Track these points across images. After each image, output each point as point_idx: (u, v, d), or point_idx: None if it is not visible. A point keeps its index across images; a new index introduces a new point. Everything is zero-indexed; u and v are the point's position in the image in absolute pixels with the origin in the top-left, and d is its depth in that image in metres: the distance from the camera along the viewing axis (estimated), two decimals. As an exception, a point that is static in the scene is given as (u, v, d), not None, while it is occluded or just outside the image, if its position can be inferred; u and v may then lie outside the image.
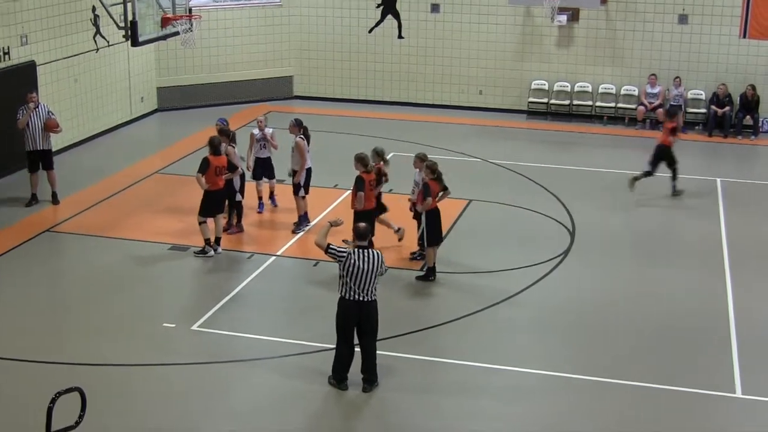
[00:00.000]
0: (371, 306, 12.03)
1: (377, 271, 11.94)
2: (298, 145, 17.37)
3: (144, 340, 13.61)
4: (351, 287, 11.86)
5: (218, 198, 16.55)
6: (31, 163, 19.05)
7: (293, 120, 17.80)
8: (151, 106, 26.62)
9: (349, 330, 12.08)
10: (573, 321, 14.42)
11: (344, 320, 12.04)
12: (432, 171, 15.48)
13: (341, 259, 11.86)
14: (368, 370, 12.21)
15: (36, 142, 18.84)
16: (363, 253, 11.89)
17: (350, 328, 12.07)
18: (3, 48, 20.45)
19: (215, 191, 16.38)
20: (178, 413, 11.65)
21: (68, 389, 8.71)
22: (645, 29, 25.98)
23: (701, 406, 12.15)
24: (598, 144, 24.61)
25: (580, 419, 11.76)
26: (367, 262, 11.82)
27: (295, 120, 17.79)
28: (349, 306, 11.95)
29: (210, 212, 16.45)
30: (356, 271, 11.79)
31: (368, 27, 27.84)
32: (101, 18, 23.64)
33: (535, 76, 26.90)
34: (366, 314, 12.00)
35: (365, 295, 11.91)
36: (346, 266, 11.82)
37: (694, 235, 18.04)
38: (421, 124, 25.89)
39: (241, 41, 27.58)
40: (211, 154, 16.32)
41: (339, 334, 12.16)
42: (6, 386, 12.10)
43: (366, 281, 11.85)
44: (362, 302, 11.92)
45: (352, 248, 11.99)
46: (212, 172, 16.25)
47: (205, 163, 16.23)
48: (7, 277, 15.75)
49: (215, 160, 16.31)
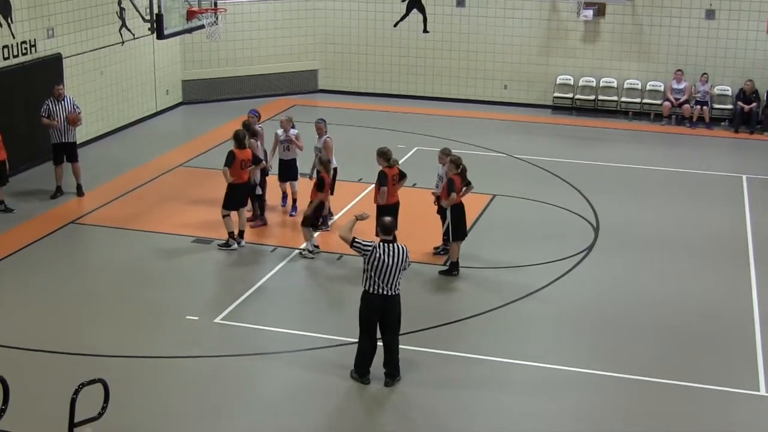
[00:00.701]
0: (395, 300, 12.00)
1: (402, 266, 11.90)
2: (326, 145, 17.33)
3: (167, 333, 13.65)
4: (375, 281, 11.82)
5: (242, 191, 16.58)
6: (56, 156, 19.14)
7: (319, 120, 17.78)
8: (175, 99, 26.69)
9: (372, 324, 12.05)
10: (596, 317, 14.36)
11: (368, 314, 12.00)
12: (456, 166, 15.46)
13: (366, 252, 11.83)
14: (390, 365, 12.19)
15: (61, 134, 18.93)
16: (388, 247, 11.84)
17: (373, 323, 12.04)
18: (30, 40, 20.55)
19: (239, 184, 16.40)
20: (200, 406, 11.68)
21: (92, 381, 8.75)
22: (671, 24, 25.82)
23: (724, 404, 12.07)
24: (623, 139, 24.50)
25: (604, 416, 11.71)
26: (392, 257, 11.78)
27: (321, 119, 17.80)
28: (373, 300, 11.90)
29: (234, 205, 16.48)
30: (381, 266, 11.75)
31: (393, 21, 27.81)
32: (127, 11, 23.77)
33: (560, 71, 26.80)
34: (390, 308, 11.97)
35: (389, 290, 11.87)
36: (371, 260, 11.78)
37: (719, 232, 17.92)
38: (445, 118, 25.86)
39: (266, 35, 27.61)
40: (236, 147, 16.36)
41: (362, 329, 12.13)
42: (30, 377, 12.15)
43: (390, 275, 11.80)
44: (386, 296, 11.88)
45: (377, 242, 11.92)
46: (237, 165, 16.28)
47: (231, 157, 16.27)
48: (32, 268, 15.84)
49: (240, 153, 16.34)
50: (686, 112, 25.42)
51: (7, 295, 14.80)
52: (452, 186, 15.32)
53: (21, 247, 16.57)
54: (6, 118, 19.20)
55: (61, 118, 18.81)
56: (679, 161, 22.37)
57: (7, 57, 19.91)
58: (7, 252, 16.34)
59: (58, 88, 19.07)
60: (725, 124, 25.60)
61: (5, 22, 19.80)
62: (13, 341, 13.15)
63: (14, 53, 20.10)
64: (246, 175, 16.49)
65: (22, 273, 15.63)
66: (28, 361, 12.74)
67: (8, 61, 19.97)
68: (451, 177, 15.40)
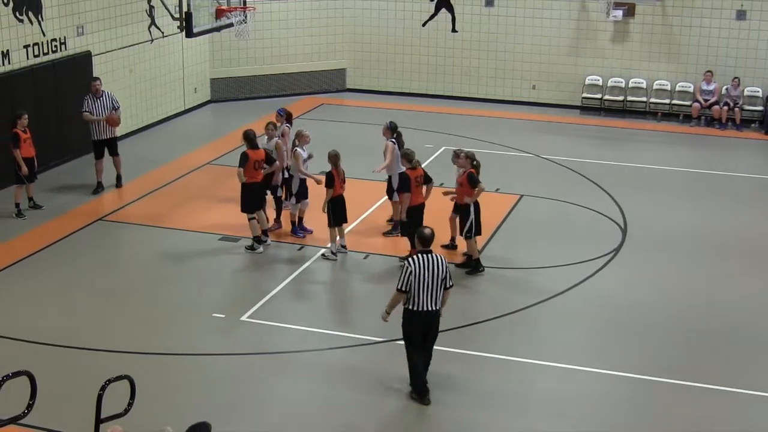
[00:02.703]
0: (438, 316, 11.57)
1: (442, 276, 11.36)
2: (387, 147, 16.95)
3: (193, 330, 13.69)
4: (417, 297, 11.30)
5: (257, 190, 16.53)
6: (97, 151, 19.43)
7: (387, 123, 17.45)
8: (204, 97, 26.78)
9: (419, 339, 11.55)
10: (624, 319, 14.27)
11: (412, 331, 11.52)
12: (471, 161, 15.42)
13: (408, 274, 11.24)
14: None
15: (100, 131, 19.17)
16: (425, 259, 11.32)
17: (419, 338, 11.55)
18: (60, 38, 20.68)
19: (253, 184, 16.36)
20: (226, 403, 11.70)
21: (118, 377, 8.77)
22: (702, 25, 25.66)
23: (755, 408, 11.96)
24: (652, 141, 24.37)
25: (629, 418, 11.65)
26: (429, 269, 11.27)
27: (390, 123, 17.39)
28: (417, 317, 11.40)
29: (254, 206, 16.44)
30: (420, 281, 11.23)
31: (422, 20, 27.79)
32: (156, 9, 23.86)
33: (589, 71, 26.69)
34: (434, 325, 11.56)
35: (433, 304, 11.38)
36: (410, 278, 11.24)
37: (750, 234, 17.78)
38: (473, 118, 25.81)
39: (294, 33, 27.66)
40: (249, 148, 16.28)
41: (409, 345, 11.67)
42: (57, 373, 12.22)
43: (432, 289, 11.29)
44: (431, 312, 11.40)
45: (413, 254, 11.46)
46: (251, 165, 16.21)
47: (245, 158, 16.23)
48: (59, 265, 15.93)
49: (253, 154, 16.26)
50: (716, 114, 25.26)
51: (35, 292, 14.88)
52: (474, 179, 15.25)
53: (49, 244, 16.67)
54: (36, 116, 19.31)
55: (100, 115, 18.99)
56: (709, 163, 22.23)
57: (37, 55, 20.04)
58: (35, 249, 16.45)
59: (94, 84, 19.34)
60: (755, 125, 25.42)
61: (35, 20, 19.93)
62: (41, 337, 13.23)
63: (44, 51, 20.23)
64: (260, 175, 16.46)
65: (50, 269, 15.73)
66: (54, 357, 12.81)
67: (38, 58, 20.10)
68: (469, 171, 15.33)
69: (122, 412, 8.67)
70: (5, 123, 17.97)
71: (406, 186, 15.60)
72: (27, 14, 19.69)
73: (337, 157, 16.12)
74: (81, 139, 21.35)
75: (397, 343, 13.24)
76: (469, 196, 15.41)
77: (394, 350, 13.06)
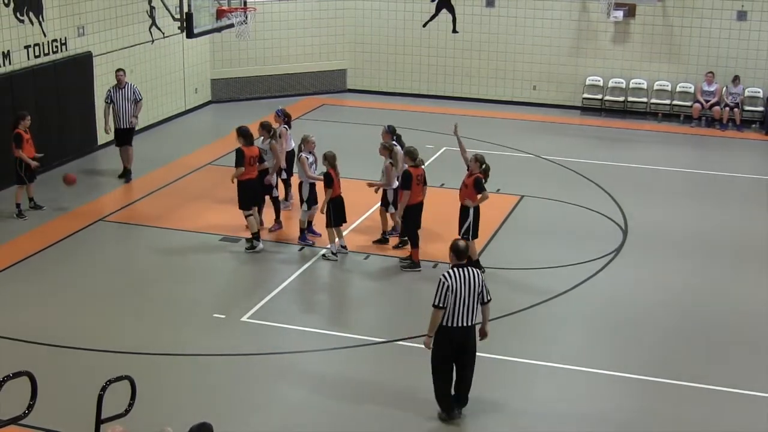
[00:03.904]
0: (474, 332, 11.16)
1: (479, 290, 10.99)
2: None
3: (194, 331, 13.69)
4: (453, 312, 10.89)
5: (253, 187, 16.56)
6: (118, 139, 20.34)
7: (386, 127, 17.41)
8: (204, 98, 26.78)
9: (450, 364, 11.19)
10: (624, 319, 14.27)
11: (446, 351, 11.07)
12: (481, 163, 15.33)
13: (445, 289, 10.83)
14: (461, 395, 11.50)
15: (121, 120, 20.02)
16: (460, 273, 10.93)
17: (451, 362, 11.18)
18: (60, 39, 20.69)
19: (248, 180, 16.40)
20: (227, 404, 11.70)
21: (119, 377, 8.78)
22: (702, 26, 25.65)
23: (759, 409, 11.97)
24: (653, 141, 24.37)
25: (631, 418, 11.64)
26: (465, 282, 10.87)
27: (388, 127, 17.36)
28: (453, 334, 10.98)
29: (250, 203, 16.49)
30: (457, 296, 10.84)
31: (422, 21, 27.79)
32: (157, 9, 23.87)
33: (589, 72, 26.69)
34: (472, 343, 11.15)
35: (469, 320, 10.98)
36: (447, 293, 10.83)
37: (750, 235, 17.78)
38: (474, 119, 25.78)
39: (295, 34, 27.66)
40: (244, 144, 16.37)
41: (438, 369, 11.25)
42: (57, 373, 12.22)
43: (468, 303, 10.91)
44: (467, 328, 11.01)
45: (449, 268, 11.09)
46: (247, 162, 16.32)
47: (240, 155, 16.28)
48: (59, 265, 15.94)
49: (248, 150, 16.37)
50: (716, 114, 25.26)
51: (35, 292, 14.88)
52: (481, 185, 15.21)
53: (50, 244, 16.67)
54: (37, 116, 19.28)
55: (122, 106, 19.89)
56: (709, 163, 22.23)
57: (38, 55, 20.05)
58: (35, 249, 16.45)
59: (118, 75, 20.02)
60: (756, 126, 25.41)
61: (36, 20, 19.94)
62: (41, 337, 13.23)
63: (45, 51, 20.23)
64: (254, 172, 16.50)
65: (50, 270, 15.74)
66: (54, 357, 12.82)
67: (39, 59, 20.10)
68: (477, 175, 15.31)
69: (123, 413, 8.67)
70: (6, 123, 17.97)
71: (407, 183, 15.56)
72: (28, 15, 19.70)
73: (334, 157, 16.05)
74: (81, 140, 21.43)
75: (397, 343, 13.28)
76: (471, 200, 15.34)
77: (395, 351, 13.10)
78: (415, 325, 13.11)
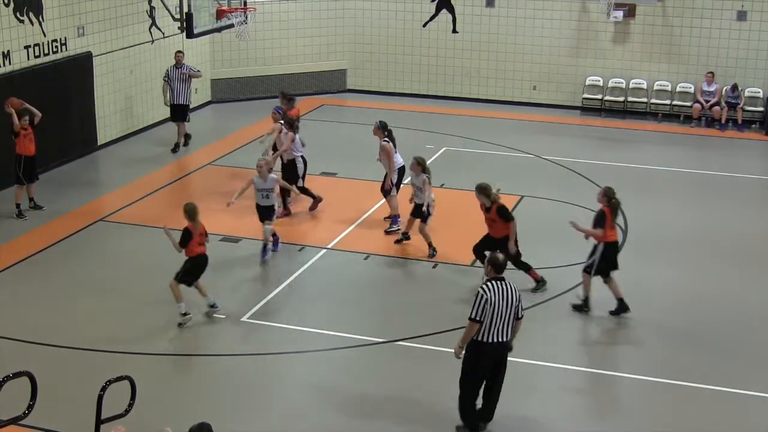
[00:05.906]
0: (507, 348, 10.91)
1: (515, 304, 10.71)
2: (384, 149, 17.22)
3: (194, 331, 13.69)
4: (489, 327, 10.61)
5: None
6: (173, 114, 22.41)
7: (377, 122, 17.61)
8: (204, 98, 26.78)
9: (481, 378, 10.96)
10: (623, 319, 14.25)
11: (479, 366, 10.84)
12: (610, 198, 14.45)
13: (484, 303, 10.56)
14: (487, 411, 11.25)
15: (176, 97, 22.19)
16: (500, 286, 10.66)
17: (483, 377, 10.95)
18: (60, 39, 20.68)
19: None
20: (227, 404, 11.70)
21: (119, 377, 8.78)
22: (702, 26, 25.65)
23: (761, 409, 11.97)
24: (652, 141, 24.35)
25: (631, 417, 11.65)
26: (503, 297, 10.60)
27: (380, 122, 17.58)
28: (487, 349, 10.73)
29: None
30: (494, 310, 10.56)
31: (422, 21, 27.79)
32: (157, 10, 23.87)
33: (589, 72, 26.68)
34: (504, 358, 10.90)
35: (505, 335, 10.72)
36: (486, 307, 10.54)
37: (751, 235, 17.78)
38: (474, 119, 25.80)
39: (295, 34, 27.66)
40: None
41: (467, 382, 10.98)
42: (57, 374, 12.22)
43: (505, 318, 10.63)
44: (503, 344, 10.75)
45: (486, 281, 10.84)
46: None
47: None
48: (59, 265, 15.94)
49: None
50: (716, 115, 25.26)
51: (36, 292, 14.89)
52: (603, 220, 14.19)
53: (50, 244, 16.67)
54: (37, 116, 19.32)
55: (176, 85, 22.07)
56: (709, 163, 22.23)
57: (38, 55, 20.05)
58: (35, 249, 16.45)
59: (177, 55, 22.18)
60: (756, 126, 25.41)
61: (36, 20, 19.94)
62: (41, 337, 13.23)
63: (45, 51, 20.23)
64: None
65: (51, 270, 15.73)
66: (54, 357, 12.81)
67: (39, 59, 20.10)
68: (602, 209, 14.32)
69: (123, 413, 8.68)
70: (6, 123, 17.96)
71: None
72: (28, 15, 19.70)
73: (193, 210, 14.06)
74: (81, 140, 21.43)
75: (397, 343, 13.28)
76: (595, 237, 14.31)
77: (395, 351, 13.09)
78: (416, 325, 13.11)
